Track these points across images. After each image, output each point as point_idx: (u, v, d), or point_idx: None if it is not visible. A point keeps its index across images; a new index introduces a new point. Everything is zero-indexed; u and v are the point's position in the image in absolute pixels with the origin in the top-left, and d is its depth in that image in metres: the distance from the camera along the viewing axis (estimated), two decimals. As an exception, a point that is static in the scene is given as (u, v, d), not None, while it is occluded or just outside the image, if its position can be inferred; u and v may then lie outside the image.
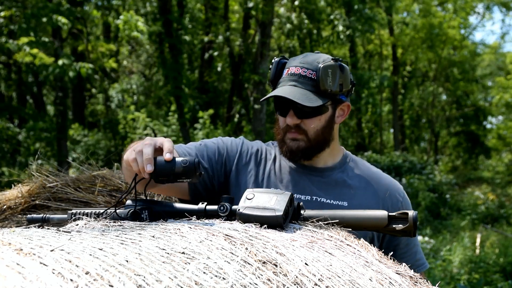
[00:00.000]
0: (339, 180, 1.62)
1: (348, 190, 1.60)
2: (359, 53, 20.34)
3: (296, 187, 1.59)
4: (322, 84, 1.50)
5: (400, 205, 1.62)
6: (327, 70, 1.50)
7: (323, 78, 1.50)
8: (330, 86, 1.51)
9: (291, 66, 1.56)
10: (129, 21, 9.90)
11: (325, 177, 1.62)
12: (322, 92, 1.51)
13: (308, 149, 1.57)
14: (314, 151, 1.59)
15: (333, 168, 1.64)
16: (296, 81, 1.53)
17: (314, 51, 1.65)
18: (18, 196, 2.30)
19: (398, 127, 21.06)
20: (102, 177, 2.31)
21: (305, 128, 1.55)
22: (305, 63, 1.54)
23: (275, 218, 1.11)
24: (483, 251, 7.84)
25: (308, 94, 1.50)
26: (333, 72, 1.51)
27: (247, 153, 1.64)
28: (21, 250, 0.77)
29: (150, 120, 13.77)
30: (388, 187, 1.63)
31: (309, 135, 1.56)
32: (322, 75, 1.50)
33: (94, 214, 1.21)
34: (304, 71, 1.53)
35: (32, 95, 16.35)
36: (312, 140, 1.56)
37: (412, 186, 13.11)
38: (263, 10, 12.05)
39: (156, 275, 0.74)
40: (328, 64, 1.51)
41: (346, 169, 1.65)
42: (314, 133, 1.56)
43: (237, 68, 14.68)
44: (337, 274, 0.91)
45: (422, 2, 18.82)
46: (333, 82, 1.51)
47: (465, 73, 22.38)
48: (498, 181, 19.89)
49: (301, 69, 1.53)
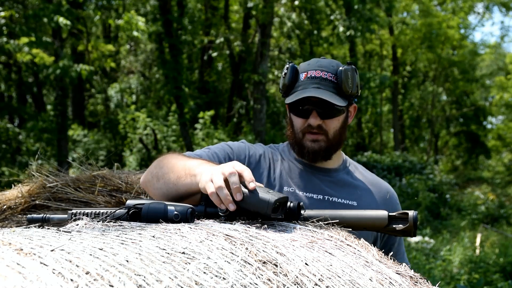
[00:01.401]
0: (345, 181, 1.67)
1: (355, 191, 1.65)
2: (359, 53, 20.34)
3: (307, 186, 1.63)
4: (344, 86, 1.57)
5: (398, 208, 1.71)
6: (347, 73, 1.57)
7: (345, 81, 1.56)
8: (350, 87, 1.57)
9: (309, 70, 1.60)
10: (130, 21, 9.91)
11: (332, 177, 1.67)
12: (343, 93, 1.57)
13: (329, 149, 1.62)
14: (333, 151, 1.65)
15: (337, 170, 1.69)
16: (318, 83, 1.57)
17: (320, 57, 1.70)
18: (18, 196, 2.30)
19: (398, 127, 21.06)
20: (102, 177, 2.31)
21: (326, 129, 1.60)
22: (323, 66, 1.60)
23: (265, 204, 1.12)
24: (483, 251, 7.84)
25: (332, 95, 1.56)
26: (352, 75, 1.58)
27: (255, 156, 1.66)
28: (21, 250, 0.77)
29: (150, 120, 13.77)
30: (388, 191, 1.72)
31: (329, 135, 1.61)
32: (343, 78, 1.56)
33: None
34: (324, 74, 1.58)
35: (32, 95, 16.35)
36: (332, 140, 1.61)
37: (412, 186, 13.11)
38: (263, 10, 12.06)
39: (156, 275, 0.74)
40: (347, 68, 1.58)
41: (349, 171, 1.71)
42: (334, 133, 1.61)
43: (237, 68, 14.68)
44: (337, 274, 0.91)
45: (421, 2, 18.82)
46: (352, 84, 1.58)
47: (465, 73, 22.39)
48: (498, 181, 19.90)
49: (321, 72, 1.58)
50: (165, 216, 1.10)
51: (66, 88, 12.82)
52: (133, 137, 14.21)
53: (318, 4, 14.16)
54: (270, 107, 15.57)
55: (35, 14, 9.16)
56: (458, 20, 19.90)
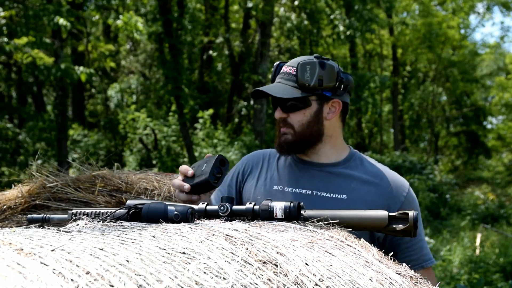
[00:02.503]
0: (339, 174, 1.66)
1: (348, 184, 1.63)
2: (359, 53, 20.34)
3: (297, 183, 1.66)
4: (299, 79, 1.59)
5: (404, 200, 1.62)
6: (305, 66, 1.59)
7: (300, 73, 1.59)
8: (307, 80, 1.59)
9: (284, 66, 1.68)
10: (129, 21, 9.91)
11: (325, 171, 1.67)
12: (301, 86, 1.60)
13: (295, 143, 1.65)
14: (302, 145, 1.66)
15: (336, 164, 1.69)
16: (282, 78, 1.65)
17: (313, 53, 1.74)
18: (18, 196, 2.30)
19: (398, 127, 21.06)
20: (102, 177, 2.31)
21: (291, 122, 1.64)
22: (293, 62, 1.65)
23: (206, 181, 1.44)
24: (483, 251, 7.84)
25: (288, 88, 1.61)
26: (312, 68, 1.59)
27: (247, 165, 1.79)
28: (21, 250, 0.77)
29: (150, 120, 13.77)
30: (392, 182, 1.65)
31: (295, 129, 1.64)
32: (299, 71, 1.59)
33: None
34: (289, 69, 1.64)
35: (32, 95, 16.35)
36: (298, 133, 1.64)
37: (412, 186, 13.04)
38: (263, 10, 12.05)
39: (156, 275, 0.74)
40: (307, 61, 1.60)
41: (350, 166, 1.69)
42: (300, 126, 1.64)
43: (237, 68, 14.68)
44: (337, 274, 0.91)
45: (422, 2, 18.82)
46: (311, 77, 1.59)
47: (465, 73, 22.38)
48: (498, 181, 19.90)
49: (287, 67, 1.65)
50: (165, 216, 1.10)
51: (66, 88, 12.82)
52: (133, 137, 14.21)
53: (318, 4, 14.16)
54: (270, 107, 15.56)
55: (35, 14, 9.16)
56: (458, 20, 19.89)
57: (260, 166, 1.76)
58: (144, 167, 11.51)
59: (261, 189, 1.69)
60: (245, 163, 1.80)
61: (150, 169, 3.00)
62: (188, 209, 1.12)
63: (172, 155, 13.48)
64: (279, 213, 1.19)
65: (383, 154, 17.64)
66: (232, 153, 11.79)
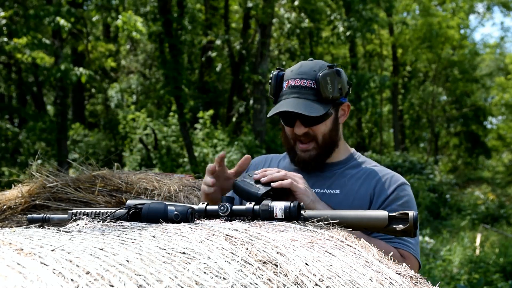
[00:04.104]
0: (337, 173, 1.67)
1: (342, 180, 1.64)
2: (359, 53, 20.34)
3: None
4: (324, 92, 1.57)
5: (393, 190, 1.61)
6: (326, 78, 1.57)
7: (323, 86, 1.57)
8: (330, 93, 1.58)
9: (290, 78, 1.62)
10: (129, 21, 9.91)
11: (324, 171, 1.68)
12: (324, 99, 1.58)
13: (320, 156, 1.65)
14: (325, 156, 1.67)
15: (336, 164, 1.70)
16: (298, 92, 1.59)
17: (308, 59, 1.70)
18: (18, 196, 2.30)
19: (398, 127, 21.05)
20: (102, 177, 2.31)
21: (314, 134, 1.62)
22: (303, 73, 1.60)
23: (255, 194, 1.42)
24: (483, 251, 7.84)
25: (311, 104, 1.57)
26: (332, 79, 1.58)
27: (250, 167, 1.79)
28: (21, 250, 0.77)
29: (150, 120, 13.77)
30: (385, 175, 1.65)
31: (318, 141, 1.63)
32: (322, 84, 1.56)
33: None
34: (304, 82, 1.59)
35: (32, 95, 16.35)
36: (322, 145, 1.64)
37: (412, 186, 13.05)
38: (263, 10, 12.05)
39: (156, 275, 0.74)
40: (326, 72, 1.58)
41: (352, 165, 1.70)
42: (323, 137, 1.63)
43: (237, 68, 14.68)
44: (337, 274, 0.91)
45: (421, 2, 18.82)
46: (333, 89, 1.58)
47: (465, 73, 22.38)
48: (498, 181, 19.90)
49: (300, 80, 1.60)
50: (165, 216, 1.10)
51: (66, 88, 12.82)
52: (133, 137, 14.21)
53: (318, 4, 14.15)
54: (270, 107, 15.56)
55: (35, 14, 9.16)
56: (458, 20, 19.89)
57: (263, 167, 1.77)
58: (144, 167, 11.53)
59: None
60: (254, 164, 1.82)
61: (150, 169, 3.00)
62: (188, 209, 1.12)
63: (172, 155, 13.48)
64: (279, 213, 1.19)
65: (383, 154, 17.64)
66: (232, 153, 11.79)
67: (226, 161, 11.70)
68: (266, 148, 12.56)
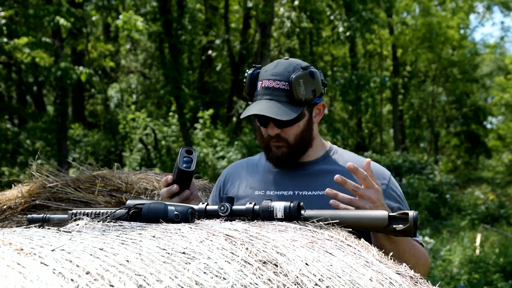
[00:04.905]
0: (321, 171, 1.67)
1: (329, 179, 1.60)
2: (359, 53, 20.33)
3: (278, 185, 1.66)
4: (296, 95, 1.56)
5: (385, 187, 1.62)
6: (299, 80, 1.55)
7: (296, 89, 1.55)
8: (303, 95, 1.57)
9: (264, 79, 1.61)
10: (129, 21, 9.91)
11: (306, 170, 1.68)
12: (297, 101, 1.57)
13: (291, 154, 1.64)
14: (298, 154, 1.66)
15: (315, 162, 1.69)
16: (270, 94, 1.58)
17: (283, 58, 1.68)
18: (18, 196, 2.30)
19: (398, 127, 21.04)
20: (102, 177, 2.31)
21: (285, 136, 1.62)
22: (276, 74, 1.58)
23: (179, 170, 1.57)
24: (483, 251, 7.84)
25: (283, 106, 1.56)
26: (305, 81, 1.56)
27: (226, 178, 1.80)
28: (21, 250, 0.77)
29: (150, 120, 13.76)
30: (373, 171, 1.62)
31: (290, 142, 1.63)
32: (295, 86, 1.55)
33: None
34: (277, 84, 1.57)
35: (32, 95, 16.35)
36: (294, 145, 1.64)
37: (412, 186, 13.10)
38: (263, 10, 12.05)
39: (156, 275, 0.74)
40: (299, 74, 1.56)
41: (329, 161, 1.70)
42: (295, 138, 1.63)
43: (237, 68, 14.67)
44: (337, 274, 0.91)
45: (422, 2, 18.81)
46: (306, 91, 1.57)
47: (465, 73, 22.37)
48: (498, 181, 19.88)
49: (273, 81, 1.58)
50: (165, 216, 1.10)
51: (66, 88, 12.81)
52: (133, 137, 14.20)
53: (318, 4, 14.15)
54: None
55: (35, 14, 9.16)
56: (458, 20, 19.88)
57: (239, 176, 1.76)
58: (144, 167, 11.52)
59: (243, 197, 1.69)
60: (224, 176, 1.81)
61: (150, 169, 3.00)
62: (188, 209, 1.12)
63: (172, 155, 13.47)
64: (279, 213, 1.19)
65: (383, 154, 17.63)
66: (232, 153, 11.79)
67: (226, 161, 11.71)
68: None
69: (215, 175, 11.38)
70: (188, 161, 1.58)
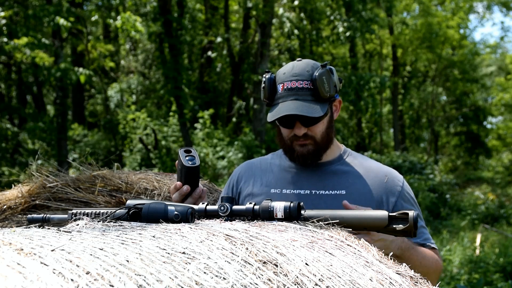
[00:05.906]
0: (337, 171, 1.70)
1: (345, 179, 1.67)
2: (359, 53, 20.33)
3: (295, 184, 1.69)
4: (321, 92, 1.60)
5: (401, 190, 1.67)
6: (321, 78, 1.60)
7: (321, 86, 1.59)
8: (328, 91, 1.61)
9: (285, 81, 1.63)
10: (128, 21, 9.91)
11: (322, 170, 1.71)
12: (322, 98, 1.61)
13: (317, 151, 1.68)
14: (322, 151, 1.69)
15: (331, 162, 1.72)
16: (295, 94, 1.61)
17: (296, 59, 1.72)
18: (18, 196, 2.30)
19: (398, 127, 21.05)
20: (102, 177, 2.31)
21: (312, 134, 1.65)
22: (297, 75, 1.62)
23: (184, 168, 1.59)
24: (483, 251, 7.84)
25: (310, 105, 1.60)
26: (327, 78, 1.61)
27: (240, 176, 1.81)
28: (21, 250, 0.77)
29: (150, 120, 13.77)
30: (387, 174, 1.70)
31: (316, 139, 1.66)
32: (319, 83, 1.59)
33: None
34: (300, 84, 1.61)
35: (32, 95, 16.35)
36: (320, 142, 1.67)
37: (412, 186, 13.10)
38: (263, 10, 12.05)
39: (156, 275, 0.74)
40: (321, 72, 1.60)
41: (344, 162, 1.73)
42: (321, 135, 1.66)
43: (237, 68, 14.68)
44: (337, 274, 0.91)
45: (422, 2, 18.81)
46: (329, 87, 1.61)
47: (465, 73, 22.38)
48: (498, 181, 19.89)
49: (296, 82, 1.62)
50: (165, 216, 1.10)
51: (66, 88, 12.82)
52: (133, 137, 14.21)
53: (318, 4, 14.15)
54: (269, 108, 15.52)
55: (35, 14, 9.16)
56: (458, 20, 19.88)
57: (253, 174, 1.78)
58: (144, 167, 11.53)
59: (259, 194, 1.71)
60: (237, 174, 1.82)
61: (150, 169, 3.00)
62: (188, 209, 1.12)
63: (172, 155, 13.47)
64: (279, 213, 1.19)
65: (383, 154, 17.63)
66: (232, 153, 11.79)
67: (226, 161, 11.72)
68: (266, 148, 12.56)
69: (215, 175, 11.38)
70: (190, 158, 1.59)
